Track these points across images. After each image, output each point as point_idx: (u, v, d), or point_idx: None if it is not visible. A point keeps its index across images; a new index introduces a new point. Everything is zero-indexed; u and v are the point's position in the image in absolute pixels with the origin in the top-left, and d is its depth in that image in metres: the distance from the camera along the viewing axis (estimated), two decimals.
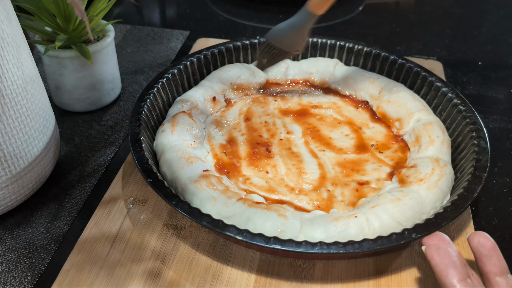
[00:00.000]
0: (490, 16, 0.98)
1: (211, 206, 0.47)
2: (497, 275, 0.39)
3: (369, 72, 0.66)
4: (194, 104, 0.60)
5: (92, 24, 0.64)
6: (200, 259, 0.47)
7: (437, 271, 0.39)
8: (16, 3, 0.58)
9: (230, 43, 0.68)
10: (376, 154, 0.57)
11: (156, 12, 1.00)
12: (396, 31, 0.92)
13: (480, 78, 0.77)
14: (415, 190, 0.49)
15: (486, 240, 0.40)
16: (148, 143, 0.54)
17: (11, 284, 0.46)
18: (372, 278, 0.46)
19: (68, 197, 0.55)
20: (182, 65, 0.64)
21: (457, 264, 0.39)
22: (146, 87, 0.59)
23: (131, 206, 0.52)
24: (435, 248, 0.40)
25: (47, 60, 0.62)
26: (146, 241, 0.49)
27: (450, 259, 0.39)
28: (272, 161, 0.56)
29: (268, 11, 0.97)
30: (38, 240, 0.50)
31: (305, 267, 0.47)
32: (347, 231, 0.44)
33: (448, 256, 0.39)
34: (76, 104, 0.66)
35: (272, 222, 0.45)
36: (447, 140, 0.56)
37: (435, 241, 0.41)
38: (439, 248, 0.40)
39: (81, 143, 0.62)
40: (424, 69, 0.64)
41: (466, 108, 0.57)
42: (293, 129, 0.61)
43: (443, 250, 0.40)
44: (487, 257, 0.40)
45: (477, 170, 0.50)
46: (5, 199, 0.49)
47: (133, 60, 0.79)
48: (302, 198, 0.51)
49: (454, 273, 0.38)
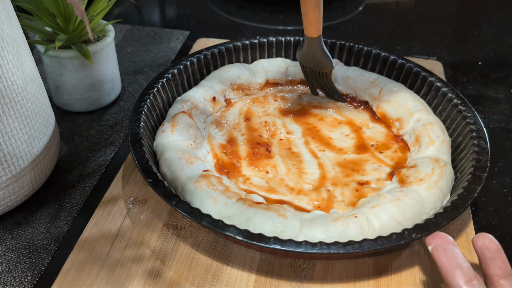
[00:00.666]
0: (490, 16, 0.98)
1: (211, 206, 0.47)
2: (501, 278, 0.39)
3: (369, 72, 0.66)
4: (194, 104, 0.60)
5: (92, 24, 0.64)
6: (200, 259, 0.47)
7: (443, 271, 0.39)
8: (16, 3, 0.58)
9: (230, 43, 0.68)
10: (376, 154, 0.57)
11: (156, 12, 1.00)
12: (396, 31, 0.92)
13: (480, 78, 0.77)
14: (415, 190, 0.49)
15: (491, 242, 0.40)
16: (148, 143, 0.54)
17: (11, 284, 0.46)
18: (372, 278, 0.46)
19: (68, 197, 0.55)
20: (182, 65, 0.64)
21: (464, 265, 0.38)
22: (146, 87, 0.59)
23: (131, 206, 0.52)
24: (442, 248, 0.39)
25: (47, 60, 0.62)
26: (146, 241, 0.49)
27: (456, 260, 0.39)
28: (272, 161, 0.56)
29: (268, 11, 0.97)
30: (38, 240, 0.50)
31: (305, 267, 0.47)
32: (347, 231, 0.44)
33: (455, 257, 0.39)
34: (76, 104, 0.66)
35: (272, 222, 0.45)
36: (447, 140, 0.56)
37: (439, 242, 0.41)
38: (446, 248, 0.39)
39: (81, 143, 0.62)
40: (424, 69, 0.64)
41: (466, 108, 0.57)
42: (293, 129, 0.61)
43: (450, 250, 0.39)
44: (492, 260, 0.39)
45: (477, 170, 0.50)
46: (5, 199, 0.49)
47: (133, 60, 0.79)
48: (302, 198, 0.51)
49: (461, 274, 0.38)
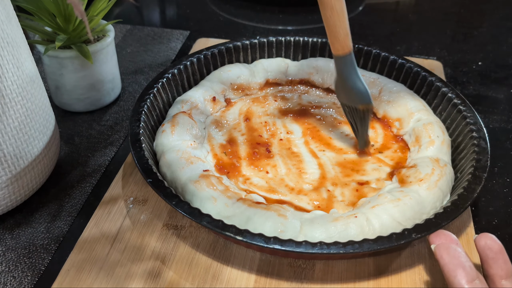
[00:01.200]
0: (490, 16, 0.98)
1: (211, 206, 0.47)
2: (503, 278, 0.39)
3: (369, 72, 0.66)
4: (194, 104, 0.60)
5: (92, 24, 0.64)
6: (200, 259, 0.47)
7: (445, 271, 0.39)
8: (16, 3, 0.58)
9: (230, 43, 0.68)
10: (376, 154, 0.57)
11: (156, 12, 1.00)
12: (396, 31, 0.92)
13: (480, 78, 0.77)
14: (415, 190, 0.49)
15: (493, 242, 0.40)
16: (148, 143, 0.54)
17: (11, 284, 0.46)
18: (372, 278, 0.46)
19: (68, 197, 0.55)
20: (182, 65, 0.64)
21: (466, 265, 0.38)
22: (146, 87, 0.59)
23: (131, 206, 0.52)
24: (444, 247, 0.39)
25: (47, 60, 0.62)
26: (146, 241, 0.49)
27: (459, 259, 0.39)
28: (272, 161, 0.56)
29: (268, 11, 0.97)
30: (38, 240, 0.50)
31: (305, 267, 0.47)
32: (347, 231, 0.44)
33: (457, 256, 0.39)
34: (76, 104, 0.66)
35: (272, 222, 0.45)
36: (447, 140, 0.56)
37: (443, 240, 0.41)
38: (449, 247, 0.39)
39: (81, 143, 0.62)
40: (424, 69, 0.64)
41: (466, 108, 0.57)
42: (293, 129, 0.61)
43: (453, 250, 0.39)
44: (494, 260, 0.39)
45: (477, 170, 0.50)
46: (5, 199, 0.49)
47: (133, 60, 0.79)
48: (302, 198, 0.51)
49: (463, 274, 0.38)
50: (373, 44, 0.64)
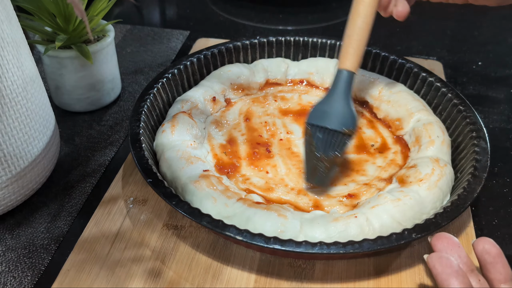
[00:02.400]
0: (490, 16, 0.98)
1: (211, 206, 0.47)
2: (501, 282, 0.39)
3: (369, 72, 0.66)
4: (194, 104, 0.60)
5: (92, 24, 0.64)
6: (200, 259, 0.47)
7: (438, 280, 0.38)
8: (16, 3, 0.58)
9: (230, 43, 0.68)
10: (376, 154, 0.57)
11: (156, 12, 1.00)
12: (396, 31, 0.92)
13: (480, 78, 0.77)
14: (415, 190, 0.49)
15: (491, 246, 0.40)
16: (148, 143, 0.54)
17: (11, 284, 0.46)
18: (372, 278, 0.46)
19: (68, 197, 0.55)
20: (182, 65, 0.64)
21: (460, 273, 0.38)
22: (146, 87, 0.59)
23: (131, 206, 0.52)
24: (437, 257, 0.39)
25: (47, 60, 0.62)
26: (146, 241, 0.49)
27: (452, 268, 0.38)
28: (272, 161, 0.56)
29: (268, 11, 0.97)
30: (38, 240, 0.50)
31: (305, 267, 0.47)
32: (347, 231, 0.44)
33: (450, 265, 0.38)
34: (76, 104, 0.66)
35: (272, 222, 0.45)
36: (447, 140, 0.56)
37: (444, 243, 0.40)
38: (441, 257, 0.39)
39: (81, 143, 0.62)
40: (424, 69, 0.64)
41: (466, 108, 0.57)
42: (293, 129, 0.61)
43: (445, 259, 0.39)
44: (492, 264, 0.39)
45: (477, 170, 0.50)
46: (5, 199, 0.49)
47: (133, 60, 0.79)
48: (302, 198, 0.51)
49: (456, 283, 0.37)
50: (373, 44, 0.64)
